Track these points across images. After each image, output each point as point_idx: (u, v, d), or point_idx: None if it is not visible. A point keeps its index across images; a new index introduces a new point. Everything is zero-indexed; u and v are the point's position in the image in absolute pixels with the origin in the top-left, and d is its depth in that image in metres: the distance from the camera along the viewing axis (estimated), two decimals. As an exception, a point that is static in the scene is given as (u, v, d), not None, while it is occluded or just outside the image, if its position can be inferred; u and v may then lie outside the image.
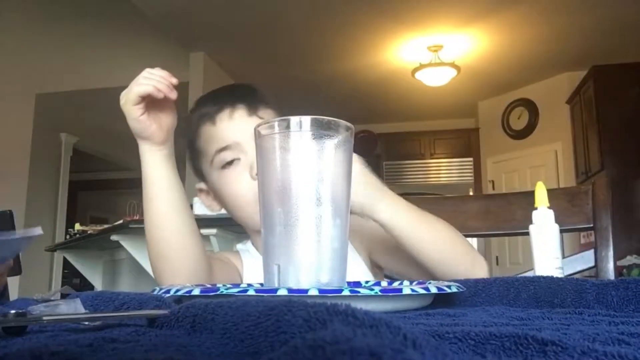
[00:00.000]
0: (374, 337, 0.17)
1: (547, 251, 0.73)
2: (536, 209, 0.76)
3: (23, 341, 0.30)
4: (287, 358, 0.17)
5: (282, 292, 0.45)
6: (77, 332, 0.35)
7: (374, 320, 0.20)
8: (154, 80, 0.74)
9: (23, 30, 5.18)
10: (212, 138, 0.87)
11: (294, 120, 0.53)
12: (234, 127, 0.85)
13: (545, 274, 0.71)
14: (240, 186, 0.84)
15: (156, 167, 0.78)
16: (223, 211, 0.94)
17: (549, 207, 0.76)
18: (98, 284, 3.28)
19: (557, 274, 0.72)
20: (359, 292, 0.46)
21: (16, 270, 0.93)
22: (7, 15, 4.90)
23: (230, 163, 0.85)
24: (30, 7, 4.79)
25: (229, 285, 0.51)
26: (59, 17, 4.89)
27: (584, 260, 1.09)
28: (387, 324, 0.20)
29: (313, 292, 0.45)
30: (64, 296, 0.60)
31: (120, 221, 2.55)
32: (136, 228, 2.36)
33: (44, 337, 0.31)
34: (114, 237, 2.43)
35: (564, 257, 0.80)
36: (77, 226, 3.49)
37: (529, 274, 0.98)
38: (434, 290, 0.51)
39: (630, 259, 4.24)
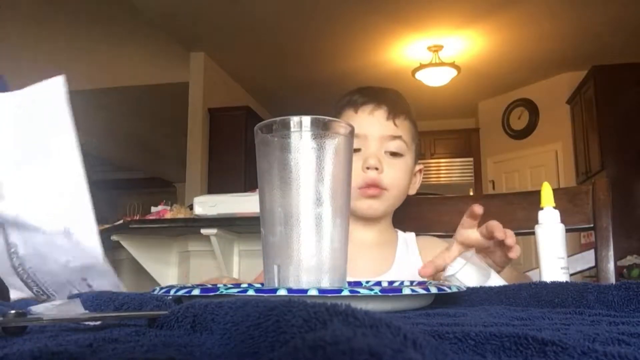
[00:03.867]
0: (374, 337, 0.17)
1: (552, 251, 0.73)
2: (542, 209, 0.76)
3: (23, 341, 0.30)
4: (287, 358, 0.17)
5: (282, 292, 0.45)
6: (77, 332, 0.35)
7: (374, 321, 0.20)
8: None
9: (23, 31, 5.18)
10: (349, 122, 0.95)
11: (294, 120, 0.53)
12: (370, 122, 0.96)
13: (551, 274, 0.71)
14: None
15: None
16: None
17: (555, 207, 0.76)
18: (98, 284, 3.27)
19: (562, 274, 0.72)
20: (358, 292, 0.46)
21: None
22: (7, 15, 4.90)
23: None
24: (30, 8, 4.79)
25: (229, 285, 0.51)
26: (59, 18, 4.89)
27: (584, 261, 1.09)
28: (387, 324, 0.20)
29: (313, 292, 0.45)
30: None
31: (120, 221, 2.55)
32: (136, 228, 2.36)
33: (44, 337, 0.31)
34: (114, 237, 2.43)
35: (564, 257, 0.80)
36: (77, 226, 3.48)
37: (534, 272, 0.98)
38: (434, 290, 0.50)
39: (630, 259, 4.24)
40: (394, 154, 0.97)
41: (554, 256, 0.73)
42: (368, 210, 0.96)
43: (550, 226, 0.75)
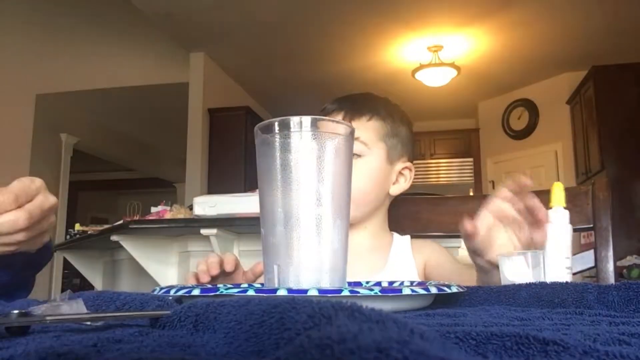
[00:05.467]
0: (380, 332, 0.17)
1: (559, 251, 0.73)
2: (551, 208, 0.76)
3: (27, 342, 0.30)
4: (293, 358, 0.16)
5: (282, 292, 0.45)
6: (80, 332, 0.35)
7: (380, 316, 0.20)
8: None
9: (23, 31, 5.18)
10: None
11: (294, 120, 0.53)
12: None
13: (556, 273, 0.71)
14: None
15: None
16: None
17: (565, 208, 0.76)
18: (98, 285, 3.27)
19: (567, 273, 0.72)
20: (358, 292, 0.46)
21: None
22: (7, 15, 4.89)
23: None
24: (30, 8, 4.79)
25: (229, 285, 0.51)
26: (59, 18, 4.89)
27: (584, 261, 1.09)
28: (394, 319, 0.20)
29: (313, 292, 0.45)
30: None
31: (120, 221, 2.55)
32: (136, 228, 2.35)
33: (47, 337, 0.31)
34: (114, 238, 2.43)
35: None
36: (77, 226, 3.48)
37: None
38: (434, 290, 0.51)
39: (630, 259, 4.24)
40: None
41: (562, 255, 0.73)
42: None
43: (560, 226, 0.75)
